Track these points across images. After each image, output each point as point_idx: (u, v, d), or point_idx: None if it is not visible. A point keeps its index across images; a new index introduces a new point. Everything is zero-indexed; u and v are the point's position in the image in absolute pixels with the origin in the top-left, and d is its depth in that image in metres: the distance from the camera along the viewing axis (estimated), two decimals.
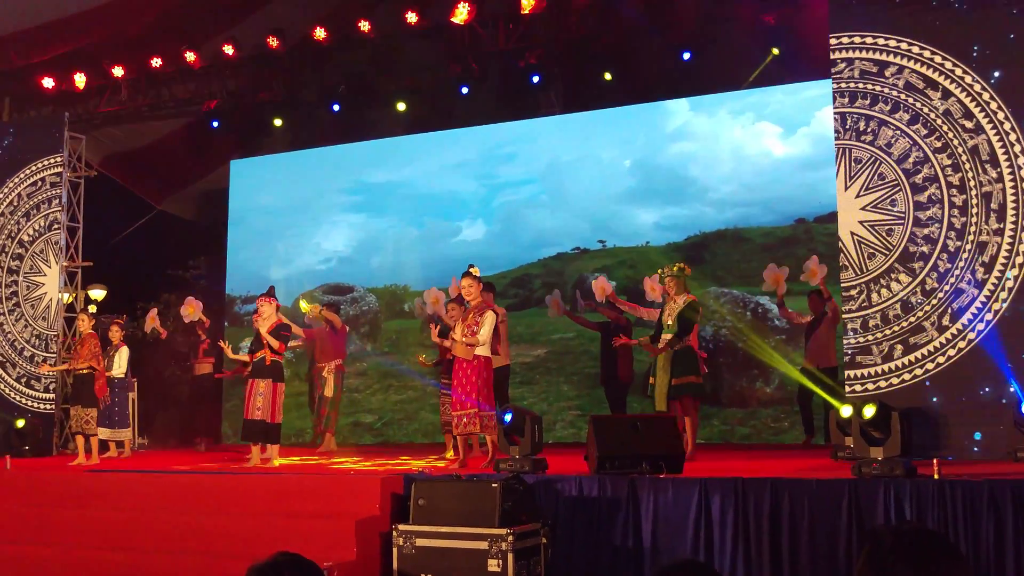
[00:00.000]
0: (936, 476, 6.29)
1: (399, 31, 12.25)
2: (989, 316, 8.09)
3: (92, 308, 11.10)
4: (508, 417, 7.78)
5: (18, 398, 12.38)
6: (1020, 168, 8.13)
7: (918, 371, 8.23)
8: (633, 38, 11.68)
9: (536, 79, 12.26)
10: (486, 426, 8.45)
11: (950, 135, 8.34)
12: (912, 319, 8.29)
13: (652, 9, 11.27)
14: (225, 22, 13.18)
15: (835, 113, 8.79)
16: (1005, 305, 8.03)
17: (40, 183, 12.80)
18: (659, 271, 9.49)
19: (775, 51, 11.36)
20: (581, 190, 13.36)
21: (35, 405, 12.26)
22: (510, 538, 6.37)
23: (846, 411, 7.04)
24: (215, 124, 13.41)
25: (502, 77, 12.63)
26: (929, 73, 8.44)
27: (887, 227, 8.46)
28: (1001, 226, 8.13)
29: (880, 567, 2.34)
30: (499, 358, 9.49)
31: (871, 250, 8.49)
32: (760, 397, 12.04)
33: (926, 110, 8.42)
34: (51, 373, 12.02)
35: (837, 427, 7.68)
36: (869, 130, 8.60)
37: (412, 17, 11.95)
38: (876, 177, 8.53)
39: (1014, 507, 5.95)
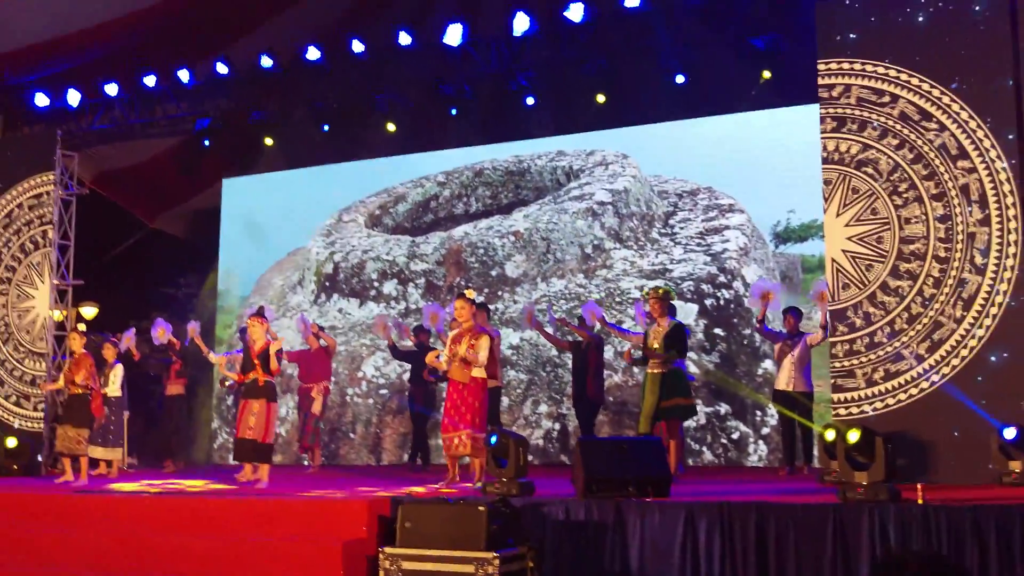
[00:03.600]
0: (920, 501, 6.32)
1: (392, 51, 12.32)
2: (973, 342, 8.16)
3: (82, 327, 11.06)
4: (493, 440, 7.80)
5: (8, 417, 12.36)
6: (1007, 207, 8.19)
7: (902, 396, 8.28)
8: (625, 61, 11.75)
9: (530, 101, 12.35)
10: (478, 449, 8.48)
11: (941, 168, 8.40)
12: (896, 344, 8.33)
13: (644, 32, 11.36)
14: (219, 41, 13.23)
15: (822, 138, 8.86)
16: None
17: (32, 201, 12.82)
18: (643, 292, 9.54)
19: (766, 75, 11.43)
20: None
21: (24, 424, 12.25)
22: (496, 562, 6.38)
23: (830, 435, 7.07)
24: (207, 142, 13.43)
25: (493, 99, 12.69)
26: (923, 104, 8.50)
27: (867, 262, 8.54)
28: (985, 262, 8.20)
29: None
30: (492, 380, 9.53)
31: (846, 280, 8.55)
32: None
33: (917, 139, 8.48)
34: (43, 392, 12.05)
35: (824, 451, 7.73)
36: (858, 155, 8.66)
37: (405, 38, 12.01)
38: (867, 210, 8.60)
39: (997, 533, 5.98)
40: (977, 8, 8.47)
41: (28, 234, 12.75)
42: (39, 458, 12.08)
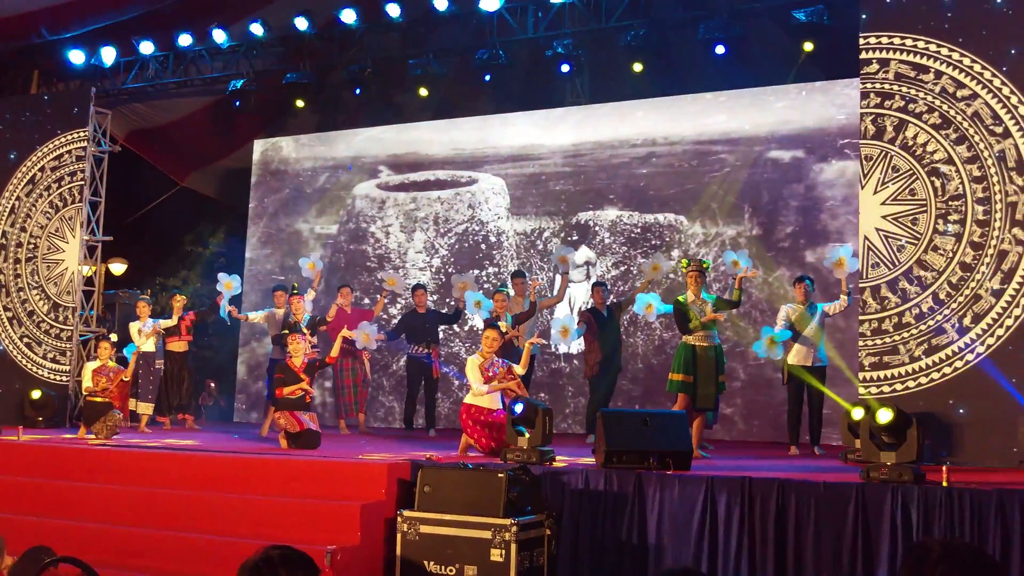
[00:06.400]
0: (944, 483, 6.25)
1: (428, 16, 12.22)
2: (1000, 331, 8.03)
3: (114, 336, 11.09)
4: (519, 408, 7.77)
5: (33, 368, 12.49)
6: None
7: (935, 375, 8.16)
8: (664, 30, 11.59)
9: (566, 68, 12.20)
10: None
11: (981, 146, 8.21)
12: (930, 323, 8.22)
13: (684, 1, 11.21)
14: (254, 2, 13.18)
15: (861, 113, 8.72)
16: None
17: (65, 156, 12.87)
18: (683, 263, 9.28)
19: (807, 47, 11.22)
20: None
21: (50, 376, 12.36)
22: (514, 528, 6.37)
23: (857, 414, 6.99)
24: (239, 103, 13.39)
25: (529, 66, 12.57)
26: (963, 79, 8.33)
27: (904, 237, 8.40)
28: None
29: None
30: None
31: (878, 258, 8.42)
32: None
33: (958, 117, 8.31)
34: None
35: (848, 429, 7.65)
36: (896, 132, 8.51)
37: (441, 2, 11.90)
38: (904, 188, 8.46)
39: (1022, 516, 5.90)
40: None
41: (60, 189, 12.82)
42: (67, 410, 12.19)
